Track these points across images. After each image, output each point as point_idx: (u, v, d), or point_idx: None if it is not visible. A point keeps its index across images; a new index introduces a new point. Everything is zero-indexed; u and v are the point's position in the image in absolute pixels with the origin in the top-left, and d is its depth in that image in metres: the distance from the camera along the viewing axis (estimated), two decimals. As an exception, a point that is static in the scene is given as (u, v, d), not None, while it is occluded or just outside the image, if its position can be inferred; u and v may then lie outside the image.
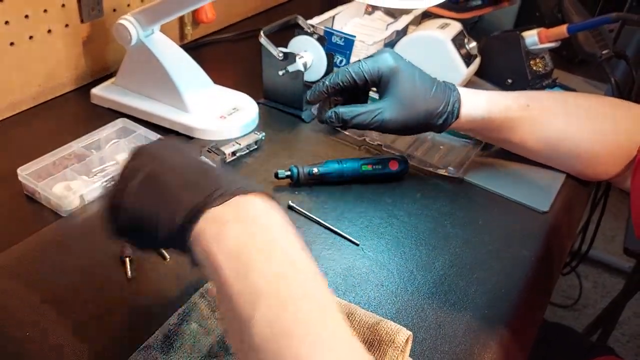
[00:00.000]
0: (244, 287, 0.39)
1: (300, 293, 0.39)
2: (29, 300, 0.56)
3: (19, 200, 0.69)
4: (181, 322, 0.52)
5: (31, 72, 0.85)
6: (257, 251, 0.40)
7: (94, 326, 0.54)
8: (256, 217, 0.42)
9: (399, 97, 0.68)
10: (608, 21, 0.90)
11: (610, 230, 2.17)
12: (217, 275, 0.40)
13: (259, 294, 0.38)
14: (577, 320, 1.84)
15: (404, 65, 0.70)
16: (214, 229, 0.41)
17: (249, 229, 0.41)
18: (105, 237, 0.47)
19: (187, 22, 1.08)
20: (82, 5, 0.87)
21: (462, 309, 0.60)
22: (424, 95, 0.69)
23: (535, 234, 0.72)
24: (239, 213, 0.42)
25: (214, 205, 0.42)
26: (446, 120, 0.71)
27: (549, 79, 1.01)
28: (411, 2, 0.60)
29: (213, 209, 0.42)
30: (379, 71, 0.69)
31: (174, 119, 0.83)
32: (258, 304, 0.38)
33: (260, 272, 0.39)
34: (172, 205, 0.43)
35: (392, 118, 0.68)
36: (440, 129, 0.72)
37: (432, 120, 0.70)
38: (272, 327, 0.37)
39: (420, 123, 0.70)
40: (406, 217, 0.72)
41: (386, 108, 0.68)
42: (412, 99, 0.69)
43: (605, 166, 0.77)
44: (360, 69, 0.69)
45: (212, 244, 0.41)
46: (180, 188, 0.43)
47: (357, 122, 0.68)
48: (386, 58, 0.69)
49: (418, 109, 0.69)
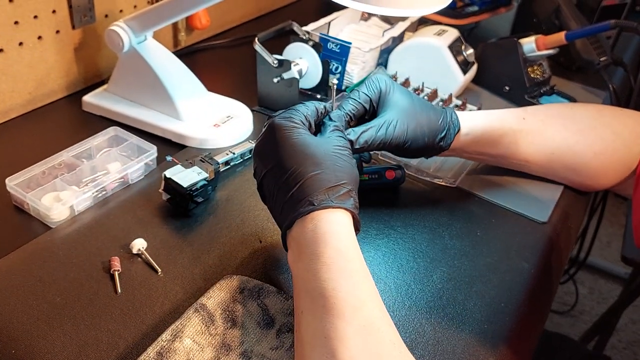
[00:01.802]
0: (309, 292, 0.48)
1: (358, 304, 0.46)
2: (15, 316, 0.55)
3: (6, 212, 0.68)
4: (174, 338, 0.51)
5: (21, 79, 0.83)
6: (326, 268, 0.48)
7: (82, 343, 0.53)
8: (331, 236, 0.49)
9: (401, 106, 0.66)
10: (606, 28, 0.89)
11: (606, 237, 2.17)
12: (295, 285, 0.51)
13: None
14: (573, 327, 1.84)
15: (397, 85, 0.68)
16: (294, 245, 0.51)
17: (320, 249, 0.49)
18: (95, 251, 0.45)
19: (180, 29, 1.06)
20: (73, 11, 0.86)
21: (461, 324, 0.59)
22: (424, 104, 0.68)
23: (534, 246, 0.70)
24: (317, 231, 0.50)
25: (302, 215, 0.50)
26: (448, 132, 0.68)
27: (547, 86, 1.00)
28: (407, 11, 0.58)
29: (298, 223, 0.51)
30: (378, 87, 0.66)
31: (167, 127, 0.82)
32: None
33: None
34: (280, 210, 0.53)
35: (400, 128, 0.64)
36: (444, 144, 0.69)
37: (432, 137, 0.67)
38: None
39: (420, 142, 0.67)
40: (403, 228, 0.71)
41: (393, 117, 0.64)
42: (414, 107, 0.67)
43: (605, 177, 0.76)
44: (360, 92, 0.66)
45: (294, 258, 0.51)
46: (283, 198, 0.52)
47: (368, 135, 0.63)
48: (380, 76, 0.68)
49: (419, 120, 0.66)
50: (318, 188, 0.51)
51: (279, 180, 0.53)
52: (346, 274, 0.47)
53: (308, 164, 0.52)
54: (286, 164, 0.52)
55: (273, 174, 0.54)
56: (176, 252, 0.64)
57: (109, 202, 0.70)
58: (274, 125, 0.55)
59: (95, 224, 0.66)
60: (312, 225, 0.50)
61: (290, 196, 0.52)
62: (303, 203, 0.51)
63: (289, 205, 0.52)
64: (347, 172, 0.53)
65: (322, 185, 0.51)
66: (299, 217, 0.51)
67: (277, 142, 0.54)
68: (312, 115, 0.58)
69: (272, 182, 0.54)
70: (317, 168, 0.52)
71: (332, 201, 0.51)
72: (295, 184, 0.51)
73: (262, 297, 0.56)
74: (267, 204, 0.57)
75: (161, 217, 0.68)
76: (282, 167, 0.53)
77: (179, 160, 0.71)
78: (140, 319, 0.55)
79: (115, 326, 0.55)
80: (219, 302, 0.54)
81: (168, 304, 0.57)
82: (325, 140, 0.55)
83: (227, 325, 0.53)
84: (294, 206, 0.51)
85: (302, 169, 0.52)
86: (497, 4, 1.19)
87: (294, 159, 0.52)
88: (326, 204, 0.50)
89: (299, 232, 0.51)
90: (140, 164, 0.73)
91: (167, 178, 0.67)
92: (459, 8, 1.15)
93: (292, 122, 0.55)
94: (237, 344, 0.52)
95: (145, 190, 0.73)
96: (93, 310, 0.56)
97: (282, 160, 0.53)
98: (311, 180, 0.51)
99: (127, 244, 0.63)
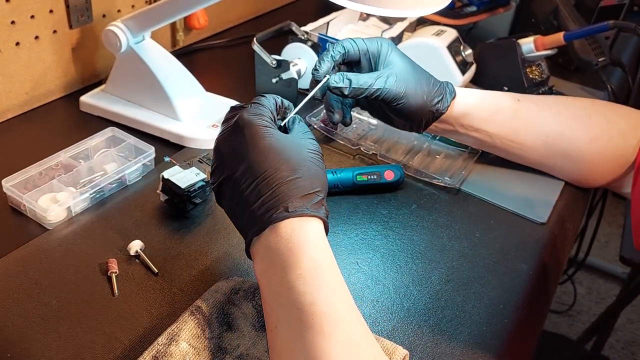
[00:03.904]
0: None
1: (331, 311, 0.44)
2: (10, 318, 0.54)
3: (3, 213, 0.67)
4: (170, 342, 0.50)
5: (18, 80, 0.83)
6: (297, 277, 0.45)
7: (78, 346, 0.52)
8: (305, 244, 0.47)
9: (399, 67, 0.67)
10: (605, 29, 0.89)
11: (604, 236, 2.17)
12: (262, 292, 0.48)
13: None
14: (571, 327, 1.84)
15: (397, 48, 0.70)
16: (264, 253, 0.48)
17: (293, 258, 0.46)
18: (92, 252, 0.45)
19: (179, 28, 1.06)
20: (70, 11, 0.85)
21: (460, 326, 0.59)
22: (421, 70, 0.69)
23: (533, 247, 0.70)
24: (290, 240, 0.47)
25: (275, 222, 0.47)
26: (445, 97, 0.70)
27: (545, 86, 1.00)
28: (405, 11, 0.58)
29: (270, 230, 0.48)
30: (377, 44, 0.68)
31: (165, 127, 0.82)
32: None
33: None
34: (248, 215, 0.49)
35: (393, 84, 0.65)
36: (441, 106, 0.70)
37: (430, 97, 0.69)
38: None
39: (418, 98, 0.68)
40: (402, 229, 0.70)
41: (389, 74, 0.66)
42: (412, 70, 0.68)
43: (602, 169, 0.76)
44: (361, 39, 0.68)
45: (261, 267, 0.49)
46: (253, 203, 0.48)
47: (361, 83, 0.64)
48: (382, 38, 0.69)
49: (418, 80, 0.68)
50: (293, 195, 0.48)
51: (248, 183, 0.49)
52: (324, 287, 0.45)
53: (283, 169, 0.48)
54: (259, 166, 0.48)
55: (242, 176, 0.49)
56: (174, 253, 0.63)
57: (107, 203, 0.70)
58: (244, 122, 0.50)
59: (92, 226, 0.66)
60: (287, 233, 0.47)
61: (261, 201, 0.48)
62: (277, 209, 0.47)
63: (260, 211, 0.48)
64: (321, 179, 0.50)
65: (298, 192, 0.48)
66: (271, 223, 0.47)
67: (248, 141, 0.49)
68: (274, 110, 0.54)
69: (239, 184, 0.49)
70: (292, 174, 0.48)
71: (307, 209, 0.48)
72: (269, 189, 0.48)
73: (257, 298, 0.56)
74: (227, 206, 0.52)
75: (159, 218, 0.68)
76: (254, 170, 0.49)
77: (177, 161, 0.70)
78: (138, 322, 0.55)
79: (112, 329, 0.54)
80: (214, 305, 0.54)
81: (166, 306, 0.57)
82: (299, 143, 0.51)
83: (222, 328, 0.53)
84: (265, 212, 0.47)
85: (276, 174, 0.48)
86: (496, 4, 1.19)
87: (267, 162, 0.48)
88: (302, 212, 0.47)
89: (271, 240, 0.47)
90: (137, 164, 0.73)
91: (165, 179, 0.67)
92: (458, 8, 1.15)
93: (264, 120, 0.51)
94: (233, 347, 0.52)
95: (142, 191, 0.72)
96: (90, 313, 0.56)
97: (254, 162, 0.49)
98: (286, 186, 0.48)
99: (125, 246, 0.63)
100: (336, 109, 0.69)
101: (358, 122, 0.89)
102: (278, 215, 0.47)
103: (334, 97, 0.70)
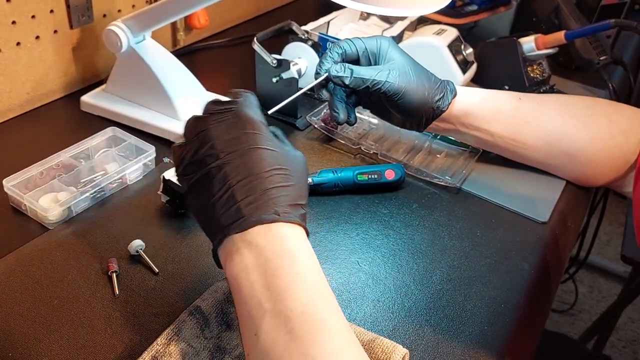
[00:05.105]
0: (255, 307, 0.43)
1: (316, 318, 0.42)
2: (12, 318, 0.54)
3: (4, 213, 0.67)
4: (169, 341, 0.50)
5: (19, 80, 0.83)
6: (283, 279, 0.43)
7: (80, 346, 0.52)
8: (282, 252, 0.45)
9: (400, 62, 0.68)
10: (606, 27, 0.89)
11: (605, 235, 2.17)
12: (239, 296, 0.45)
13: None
14: (572, 326, 1.84)
15: (398, 46, 0.71)
16: (248, 253, 0.45)
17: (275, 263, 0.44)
18: (93, 252, 0.45)
19: (179, 28, 1.06)
20: (71, 11, 0.85)
21: (461, 325, 0.59)
22: (421, 67, 0.70)
23: (534, 246, 0.70)
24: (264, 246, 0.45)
25: (265, 222, 0.45)
26: (446, 95, 0.70)
27: (547, 85, 1.00)
28: (406, 10, 0.58)
29: (257, 230, 0.45)
30: (376, 41, 0.69)
31: (166, 127, 0.82)
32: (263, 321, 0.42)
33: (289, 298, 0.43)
34: (211, 224, 0.48)
35: (394, 78, 0.67)
36: (441, 104, 0.70)
37: (431, 94, 0.69)
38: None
39: (419, 94, 0.68)
40: (403, 229, 0.70)
41: (390, 68, 0.67)
42: (412, 66, 0.69)
43: (603, 168, 0.76)
44: (359, 38, 0.68)
45: (237, 270, 0.45)
46: (240, 198, 0.46)
47: (362, 74, 0.65)
48: (381, 36, 0.70)
49: (419, 76, 0.68)
50: (284, 201, 0.46)
51: (239, 178, 0.46)
52: (317, 296, 0.43)
53: (278, 174, 0.47)
54: (255, 165, 0.47)
55: (234, 169, 0.47)
56: (174, 253, 0.63)
57: (107, 203, 0.70)
58: (246, 117, 0.49)
59: (93, 225, 0.66)
60: (279, 236, 0.45)
61: (251, 199, 0.46)
62: (267, 210, 0.45)
63: (248, 208, 0.45)
64: (306, 193, 0.49)
65: (288, 199, 0.47)
66: (261, 223, 0.45)
67: (250, 138, 0.48)
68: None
69: (228, 177, 0.46)
70: (285, 181, 0.47)
71: (297, 217, 0.47)
72: (261, 189, 0.46)
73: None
74: (202, 195, 0.48)
75: (159, 218, 0.68)
76: (248, 167, 0.47)
77: (177, 160, 0.70)
78: (139, 321, 0.55)
79: (113, 328, 0.54)
80: (214, 304, 0.54)
81: (166, 306, 0.57)
82: (293, 153, 0.50)
83: (221, 328, 0.53)
84: (255, 210, 0.45)
85: (271, 177, 0.47)
86: (497, 3, 1.19)
87: (264, 163, 0.47)
88: (292, 219, 0.46)
89: (259, 239, 0.45)
90: (138, 164, 0.73)
91: (166, 180, 0.67)
92: (459, 7, 1.15)
93: (262, 121, 0.50)
94: (232, 347, 0.52)
95: (143, 191, 0.72)
96: (91, 312, 0.56)
97: (251, 160, 0.47)
98: (277, 191, 0.46)
99: (125, 245, 0.63)
100: (340, 109, 0.70)
101: (359, 122, 0.89)
102: (269, 217, 0.45)
103: (338, 97, 0.70)
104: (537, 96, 0.78)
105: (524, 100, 0.75)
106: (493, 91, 0.76)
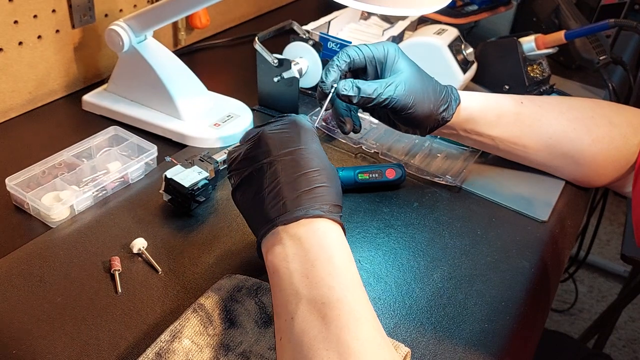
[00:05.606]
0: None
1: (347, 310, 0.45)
2: (15, 316, 0.55)
3: (6, 211, 0.68)
4: (173, 339, 0.51)
5: (21, 79, 0.83)
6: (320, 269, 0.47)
7: (83, 343, 0.53)
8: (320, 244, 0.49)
9: (407, 75, 0.67)
10: (606, 27, 0.89)
11: (605, 235, 2.17)
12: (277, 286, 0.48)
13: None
14: (572, 325, 1.84)
15: (404, 54, 0.70)
16: (290, 243, 0.49)
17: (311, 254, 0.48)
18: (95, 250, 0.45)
19: (180, 28, 1.06)
20: (73, 10, 0.85)
21: (462, 323, 0.59)
22: (428, 78, 0.70)
23: (534, 244, 0.71)
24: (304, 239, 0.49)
25: (311, 216, 0.49)
26: (450, 104, 0.70)
27: (547, 85, 1.00)
28: (406, 10, 0.58)
29: (303, 222, 0.49)
30: (384, 49, 0.67)
31: (167, 126, 0.82)
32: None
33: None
34: (257, 217, 0.52)
35: (402, 93, 0.66)
36: (446, 114, 0.70)
37: (436, 107, 0.68)
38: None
39: (425, 108, 0.67)
40: (403, 228, 0.71)
41: (398, 83, 0.66)
42: (420, 78, 0.68)
43: (604, 170, 0.76)
44: (366, 45, 0.67)
45: (278, 260, 0.49)
46: (268, 201, 0.51)
47: (370, 92, 0.64)
48: (388, 43, 0.69)
49: (425, 89, 0.68)
50: (327, 200, 0.51)
51: (289, 173, 0.51)
52: (352, 287, 0.47)
53: (324, 174, 0.52)
54: (306, 163, 0.52)
55: (286, 165, 0.52)
56: (177, 251, 0.64)
57: (109, 201, 0.70)
58: (300, 123, 0.55)
59: (95, 224, 0.66)
60: (322, 230, 0.49)
61: (300, 194, 0.50)
62: (313, 206, 0.50)
63: (296, 202, 0.50)
64: (341, 197, 0.54)
65: (331, 199, 0.51)
66: (306, 217, 0.49)
67: (302, 139, 0.53)
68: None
69: (278, 171, 0.51)
70: (329, 182, 0.52)
71: (337, 216, 0.51)
72: (309, 185, 0.51)
73: (259, 295, 0.56)
74: (252, 187, 0.53)
75: (161, 216, 0.68)
76: (299, 164, 0.52)
77: (177, 160, 0.70)
78: (141, 319, 0.55)
79: (116, 326, 0.55)
80: (217, 302, 0.54)
81: (169, 304, 0.57)
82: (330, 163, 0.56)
83: (225, 325, 0.53)
84: (301, 204, 0.50)
85: (318, 176, 0.51)
86: (497, 3, 1.19)
87: (314, 162, 0.52)
88: (335, 217, 0.51)
89: (302, 231, 0.49)
90: (140, 163, 0.73)
91: (167, 179, 0.67)
92: (459, 7, 1.15)
93: (312, 128, 0.56)
94: (236, 344, 0.52)
95: (145, 190, 0.73)
96: (94, 310, 0.56)
97: (302, 157, 0.52)
98: (322, 190, 0.51)
99: (128, 244, 0.63)
100: (346, 117, 0.70)
101: (360, 121, 0.89)
102: (315, 212, 0.49)
103: (342, 106, 0.70)
104: (539, 99, 0.78)
105: (525, 104, 0.75)
106: (494, 95, 0.76)
